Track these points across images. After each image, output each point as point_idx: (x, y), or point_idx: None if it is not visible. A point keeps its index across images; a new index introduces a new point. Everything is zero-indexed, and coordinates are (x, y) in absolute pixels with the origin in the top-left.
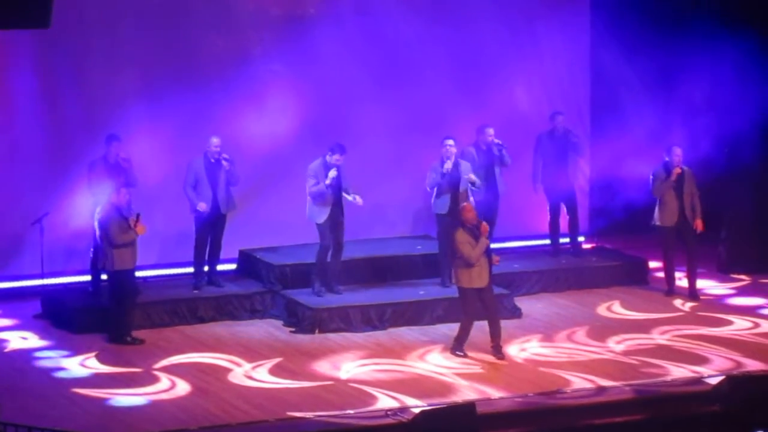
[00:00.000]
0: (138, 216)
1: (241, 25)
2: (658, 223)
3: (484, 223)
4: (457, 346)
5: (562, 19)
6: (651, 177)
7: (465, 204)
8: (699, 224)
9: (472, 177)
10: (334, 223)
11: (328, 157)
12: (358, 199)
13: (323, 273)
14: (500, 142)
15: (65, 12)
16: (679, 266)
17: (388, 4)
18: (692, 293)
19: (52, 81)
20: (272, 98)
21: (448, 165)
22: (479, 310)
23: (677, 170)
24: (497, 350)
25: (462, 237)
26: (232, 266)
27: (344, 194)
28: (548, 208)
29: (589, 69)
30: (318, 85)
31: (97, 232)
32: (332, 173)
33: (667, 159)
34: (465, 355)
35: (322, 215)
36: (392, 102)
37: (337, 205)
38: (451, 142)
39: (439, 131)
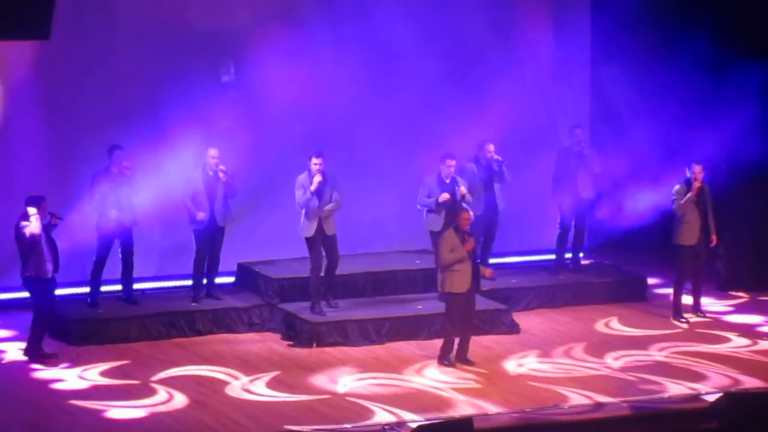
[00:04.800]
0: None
1: (238, 35)
2: (679, 242)
3: (471, 241)
4: (443, 356)
5: (562, 33)
6: (673, 195)
7: (463, 211)
8: (713, 239)
9: (463, 190)
10: (325, 238)
11: (310, 165)
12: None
13: (319, 291)
14: (500, 159)
15: (65, 22)
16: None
17: (387, 16)
18: (696, 309)
19: (53, 92)
20: (271, 110)
21: (448, 180)
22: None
23: (697, 184)
24: (462, 357)
25: (447, 240)
26: (231, 279)
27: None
28: (559, 222)
29: (588, 83)
30: (318, 97)
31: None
32: (317, 179)
33: (689, 175)
34: (452, 365)
35: (310, 229)
36: (391, 114)
37: (327, 218)
38: (452, 162)
39: (438, 144)
